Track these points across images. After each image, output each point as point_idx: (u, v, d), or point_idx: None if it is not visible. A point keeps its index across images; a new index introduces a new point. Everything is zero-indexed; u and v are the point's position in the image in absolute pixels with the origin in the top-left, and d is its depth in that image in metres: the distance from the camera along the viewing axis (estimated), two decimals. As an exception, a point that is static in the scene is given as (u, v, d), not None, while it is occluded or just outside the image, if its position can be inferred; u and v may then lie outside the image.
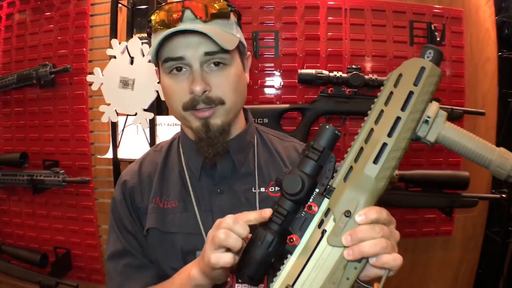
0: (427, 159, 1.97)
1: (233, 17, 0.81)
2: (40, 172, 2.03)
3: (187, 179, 0.86)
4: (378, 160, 0.56)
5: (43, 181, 2.01)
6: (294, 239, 0.58)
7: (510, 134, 2.07)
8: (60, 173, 2.00)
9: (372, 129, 0.57)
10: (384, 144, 0.56)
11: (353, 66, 1.65)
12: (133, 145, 1.82)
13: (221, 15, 0.77)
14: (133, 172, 0.91)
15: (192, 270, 0.68)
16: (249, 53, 0.88)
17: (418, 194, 1.80)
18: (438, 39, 1.88)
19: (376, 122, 0.57)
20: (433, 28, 1.89)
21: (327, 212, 0.58)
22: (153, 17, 0.77)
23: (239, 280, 0.78)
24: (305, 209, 0.59)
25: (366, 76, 1.63)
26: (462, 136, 0.57)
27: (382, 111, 0.57)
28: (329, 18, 1.89)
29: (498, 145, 1.87)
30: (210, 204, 0.83)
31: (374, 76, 1.64)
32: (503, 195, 1.94)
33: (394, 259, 0.56)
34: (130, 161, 1.82)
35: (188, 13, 0.75)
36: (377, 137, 0.56)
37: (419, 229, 2.03)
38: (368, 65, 1.91)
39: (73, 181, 1.99)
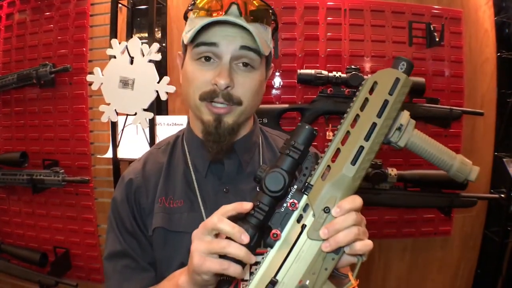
0: (426, 159, 1.97)
1: (271, 26, 0.82)
2: (39, 172, 2.04)
3: (193, 178, 0.86)
4: (356, 161, 0.61)
5: (42, 181, 2.02)
6: (277, 234, 0.61)
7: (509, 134, 2.07)
8: (59, 173, 2.00)
9: (348, 132, 0.62)
10: (361, 147, 0.61)
11: (352, 66, 1.65)
12: (132, 145, 1.82)
13: (263, 19, 0.78)
14: (137, 171, 0.89)
15: (180, 278, 0.68)
16: (272, 65, 0.89)
17: (417, 194, 1.81)
18: (437, 39, 1.89)
19: (352, 125, 0.62)
20: (432, 29, 1.89)
21: (305, 208, 0.62)
22: (199, 1, 0.77)
23: (244, 279, 0.78)
24: (288, 206, 0.62)
25: (365, 77, 1.62)
26: (428, 143, 0.64)
27: (357, 115, 0.62)
28: (328, 18, 1.89)
29: (496, 145, 1.87)
30: (216, 203, 0.82)
31: (373, 76, 1.64)
32: (502, 195, 1.95)
33: (365, 245, 0.60)
34: (130, 161, 1.83)
35: (234, 8, 0.75)
36: (354, 140, 0.61)
37: (418, 229, 2.03)
38: (367, 66, 1.92)
39: (72, 181, 2.00)
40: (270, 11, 0.80)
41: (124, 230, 0.86)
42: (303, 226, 0.61)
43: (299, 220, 0.62)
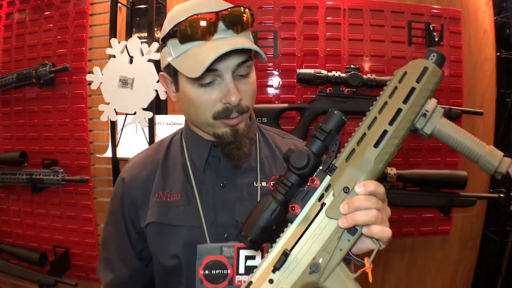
0: (425, 158, 1.98)
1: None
2: (39, 171, 2.04)
3: (190, 173, 0.88)
4: (379, 144, 0.62)
5: (42, 180, 2.02)
6: (296, 208, 0.63)
7: (508, 134, 2.07)
8: (59, 172, 2.01)
9: (375, 118, 0.63)
10: (385, 131, 0.62)
11: (352, 66, 1.65)
12: (132, 144, 1.82)
13: (248, 26, 0.79)
14: (128, 170, 0.93)
15: None
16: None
17: (416, 193, 1.80)
18: (436, 39, 1.88)
19: (380, 112, 0.63)
20: (431, 28, 1.89)
21: (327, 188, 0.64)
22: (182, 24, 0.75)
23: (239, 273, 0.79)
24: (308, 183, 0.64)
25: (365, 76, 1.64)
26: (456, 131, 0.63)
27: (386, 102, 0.63)
28: (327, 18, 1.89)
29: (496, 145, 1.88)
30: (213, 197, 0.85)
31: (373, 76, 1.64)
32: (501, 195, 1.95)
33: (383, 231, 0.61)
34: (129, 160, 1.83)
35: (221, 24, 0.76)
36: (379, 124, 0.63)
37: (417, 229, 2.03)
38: (367, 65, 1.91)
39: (72, 180, 2.00)
40: (250, 12, 0.80)
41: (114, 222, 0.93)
42: (323, 205, 0.63)
43: (320, 198, 0.64)
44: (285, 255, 0.62)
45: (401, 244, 2.08)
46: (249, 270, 0.77)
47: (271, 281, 0.63)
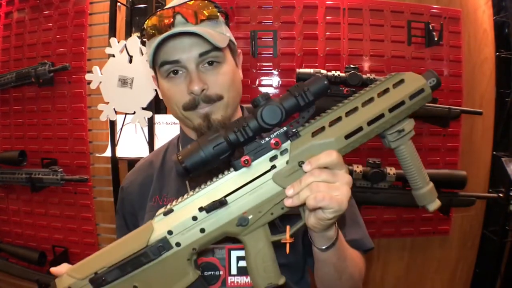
0: (424, 158, 1.97)
1: (221, 17, 0.84)
2: (38, 171, 2.04)
3: None
4: (350, 137, 0.62)
5: (41, 180, 2.02)
6: (248, 161, 0.62)
7: (507, 133, 2.07)
8: (58, 172, 2.00)
9: (357, 108, 0.63)
10: (361, 128, 0.62)
11: (351, 66, 1.65)
12: (131, 144, 1.82)
13: (210, 17, 0.80)
14: (128, 179, 0.97)
15: None
16: (239, 50, 0.90)
17: (415, 193, 1.80)
18: (436, 39, 1.89)
19: (363, 105, 0.62)
20: (431, 28, 1.89)
21: (283, 152, 0.63)
22: (146, 24, 0.80)
23: (232, 274, 0.79)
24: (271, 143, 0.62)
25: (364, 76, 1.63)
26: (414, 157, 0.67)
27: (372, 98, 0.63)
28: (327, 17, 1.89)
29: (495, 144, 1.87)
30: None
31: (372, 76, 1.64)
32: (500, 195, 1.95)
33: (328, 198, 0.58)
34: (128, 160, 1.83)
35: (179, 17, 0.78)
36: (358, 119, 0.62)
37: (416, 228, 2.03)
38: (366, 65, 1.91)
39: (71, 180, 2.00)
40: (212, 3, 0.81)
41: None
42: (273, 166, 0.62)
43: (272, 159, 0.63)
44: (221, 203, 0.61)
45: (400, 244, 2.08)
46: (242, 271, 0.77)
47: (194, 218, 0.62)
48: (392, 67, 1.90)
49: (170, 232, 0.62)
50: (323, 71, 1.65)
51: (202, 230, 0.62)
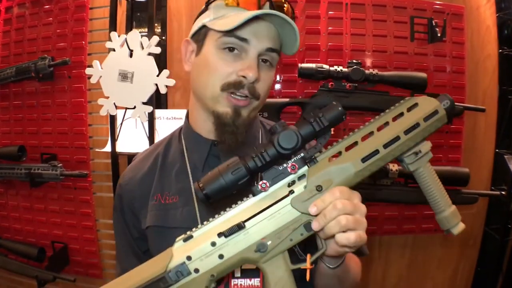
0: (426, 155, 1.96)
1: None
2: (38, 166, 2.02)
3: (189, 172, 0.86)
4: (366, 160, 0.64)
5: (40, 175, 2.00)
6: (266, 185, 0.64)
7: (510, 131, 2.06)
8: (58, 167, 1.99)
9: (372, 132, 0.65)
10: (377, 151, 0.64)
11: (354, 61, 1.63)
12: (131, 139, 1.80)
13: (293, 18, 0.80)
14: (126, 176, 0.93)
15: None
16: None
17: (417, 190, 1.77)
18: (439, 35, 1.87)
19: (379, 129, 0.65)
20: (434, 24, 1.88)
21: (301, 177, 0.64)
22: None
23: (235, 277, 0.78)
24: (288, 167, 0.64)
25: (367, 71, 1.62)
26: (435, 180, 0.68)
27: (388, 123, 0.65)
28: (329, 12, 1.88)
29: (498, 142, 1.86)
30: None
31: (375, 71, 1.62)
32: (503, 192, 1.94)
33: (347, 238, 0.61)
34: (128, 155, 1.82)
35: (267, 5, 0.76)
36: (374, 142, 0.64)
37: (418, 226, 2.02)
38: (369, 60, 1.90)
39: (71, 175, 1.98)
40: (291, 7, 0.81)
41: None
42: (291, 192, 0.64)
43: (290, 184, 0.64)
44: (239, 227, 0.62)
45: (402, 241, 2.07)
46: (245, 273, 0.77)
47: (213, 243, 0.63)
48: (395, 63, 1.89)
49: (189, 258, 0.63)
50: (326, 66, 1.64)
51: (221, 256, 0.62)
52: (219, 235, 0.63)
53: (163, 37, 1.91)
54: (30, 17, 2.13)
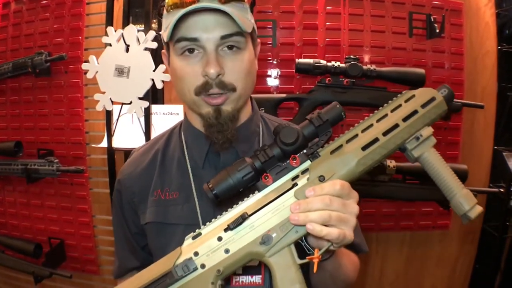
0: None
1: (246, 3, 0.80)
2: (34, 161, 2.01)
3: (189, 169, 0.86)
4: (367, 148, 0.65)
5: (37, 170, 1.99)
6: (268, 178, 0.66)
7: (509, 128, 2.05)
8: (54, 162, 1.98)
9: (372, 125, 0.66)
10: (377, 139, 0.65)
11: (352, 56, 1.62)
12: (128, 134, 1.80)
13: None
14: (125, 171, 0.92)
15: None
16: (259, 40, 0.87)
17: (415, 186, 1.78)
18: (437, 31, 1.86)
19: (378, 121, 0.66)
20: (432, 20, 1.87)
21: (304, 171, 0.66)
22: None
23: (236, 273, 0.79)
24: (289, 160, 0.66)
25: (365, 67, 1.61)
26: (442, 164, 0.66)
27: (386, 115, 0.66)
28: (327, 7, 1.87)
29: (496, 139, 1.85)
30: None
31: (373, 67, 1.61)
32: (501, 190, 1.93)
33: (329, 233, 0.60)
34: (125, 150, 1.81)
35: None
36: (373, 131, 0.65)
37: (416, 222, 2.01)
38: (367, 56, 1.89)
39: (67, 170, 1.97)
40: None
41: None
42: (295, 185, 0.65)
43: (293, 178, 0.66)
44: (243, 217, 0.64)
45: (399, 238, 2.07)
46: (247, 270, 0.75)
47: (220, 238, 0.65)
48: (393, 59, 1.88)
49: (196, 254, 0.65)
50: (323, 62, 1.63)
51: (227, 251, 0.64)
52: (226, 230, 0.64)
53: (160, 32, 1.90)
54: (27, 12, 2.12)
